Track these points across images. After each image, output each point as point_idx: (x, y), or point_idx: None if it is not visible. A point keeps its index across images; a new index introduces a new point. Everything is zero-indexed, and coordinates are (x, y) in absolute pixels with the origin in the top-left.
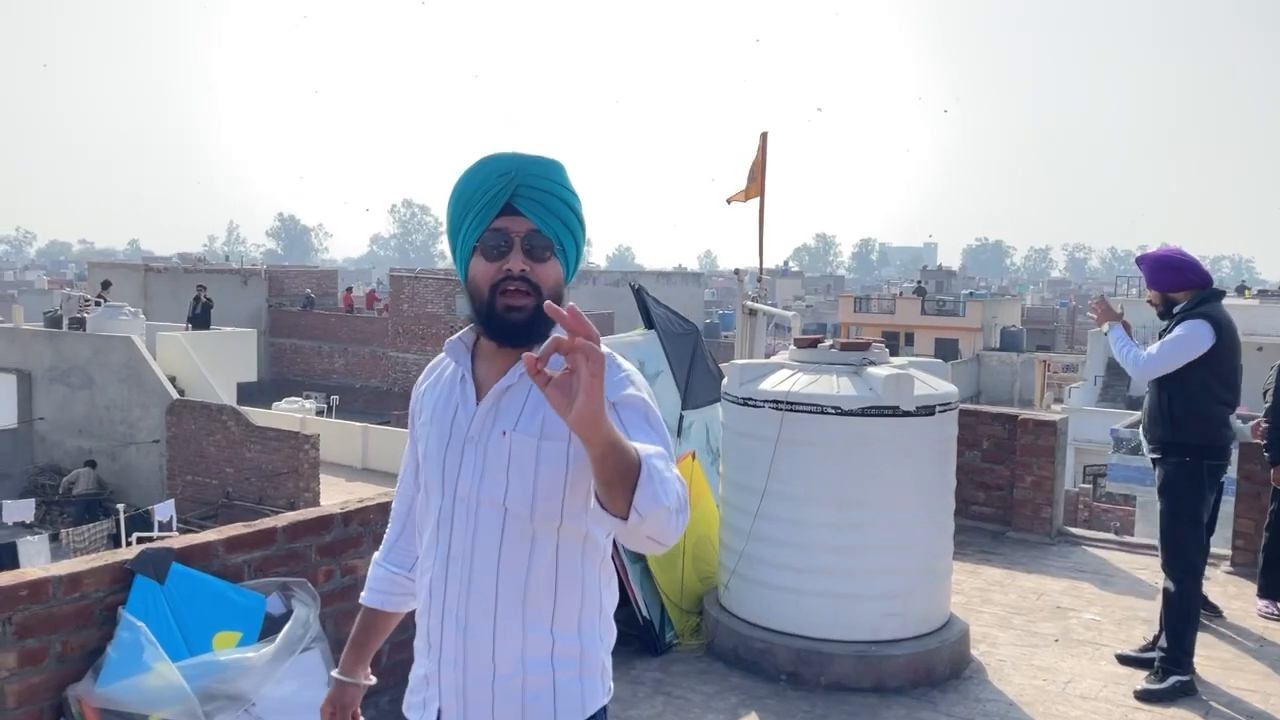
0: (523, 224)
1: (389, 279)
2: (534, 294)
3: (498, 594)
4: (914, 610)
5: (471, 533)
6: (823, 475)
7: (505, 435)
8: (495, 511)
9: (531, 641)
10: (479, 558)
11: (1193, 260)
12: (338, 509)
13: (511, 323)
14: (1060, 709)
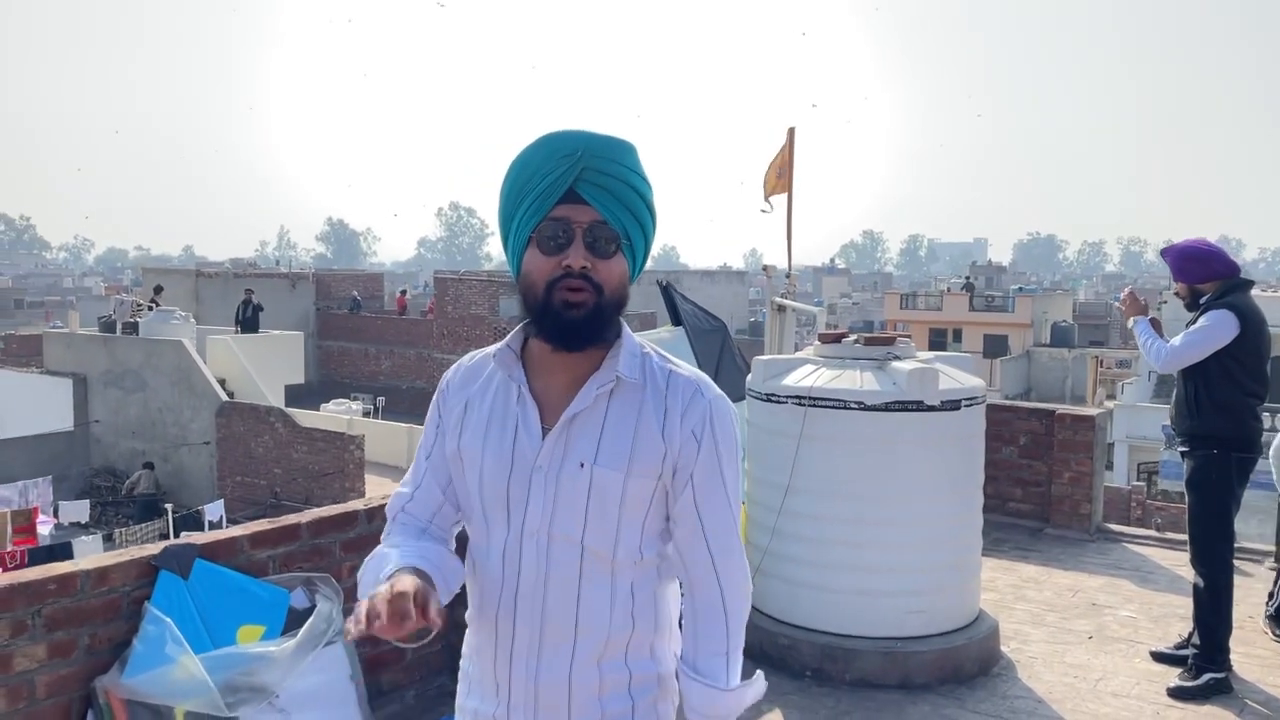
0: (586, 213)
1: (434, 281)
2: (595, 292)
3: (576, 638)
4: (940, 607)
5: (544, 571)
6: (846, 471)
7: (584, 468)
8: (570, 549)
9: (609, 680)
10: (552, 598)
11: (1218, 250)
12: (361, 505)
13: (569, 321)
14: (1091, 706)
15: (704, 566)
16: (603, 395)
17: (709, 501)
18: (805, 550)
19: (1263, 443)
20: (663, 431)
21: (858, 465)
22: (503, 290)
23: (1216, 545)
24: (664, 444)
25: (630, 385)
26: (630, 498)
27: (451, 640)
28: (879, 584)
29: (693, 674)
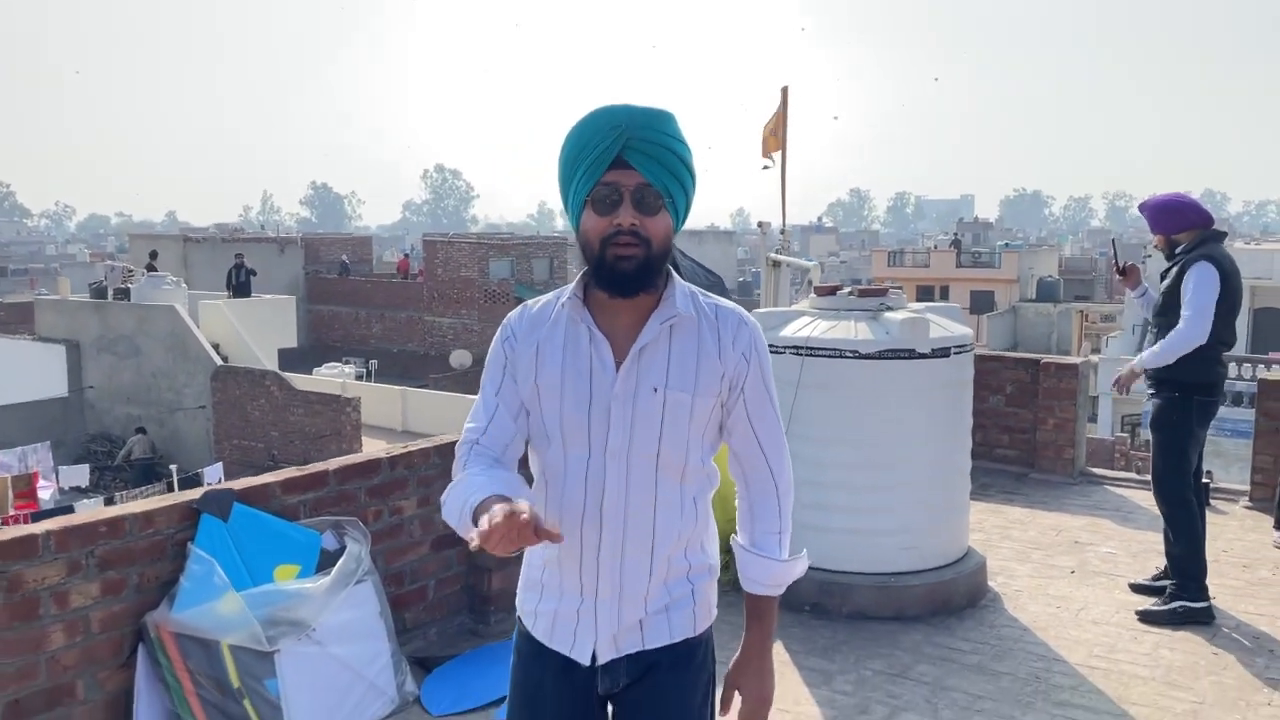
0: (633, 177)
1: (422, 244)
2: (643, 246)
3: (654, 538)
4: (931, 544)
5: (625, 485)
6: (841, 417)
7: (658, 392)
8: (647, 464)
9: (674, 570)
10: (633, 507)
11: (1191, 202)
12: (384, 453)
13: (621, 273)
14: (1072, 633)
15: (759, 462)
16: (664, 329)
17: (759, 409)
18: (803, 493)
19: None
20: (719, 355)
21: (853, 411)
22: (492, 253)
23: (1175, 482)
24: (721, 365)
25: (687, 319)
26: (697, 415)
27: (470, 583)
28: (873, 523)
29: (752, 549)
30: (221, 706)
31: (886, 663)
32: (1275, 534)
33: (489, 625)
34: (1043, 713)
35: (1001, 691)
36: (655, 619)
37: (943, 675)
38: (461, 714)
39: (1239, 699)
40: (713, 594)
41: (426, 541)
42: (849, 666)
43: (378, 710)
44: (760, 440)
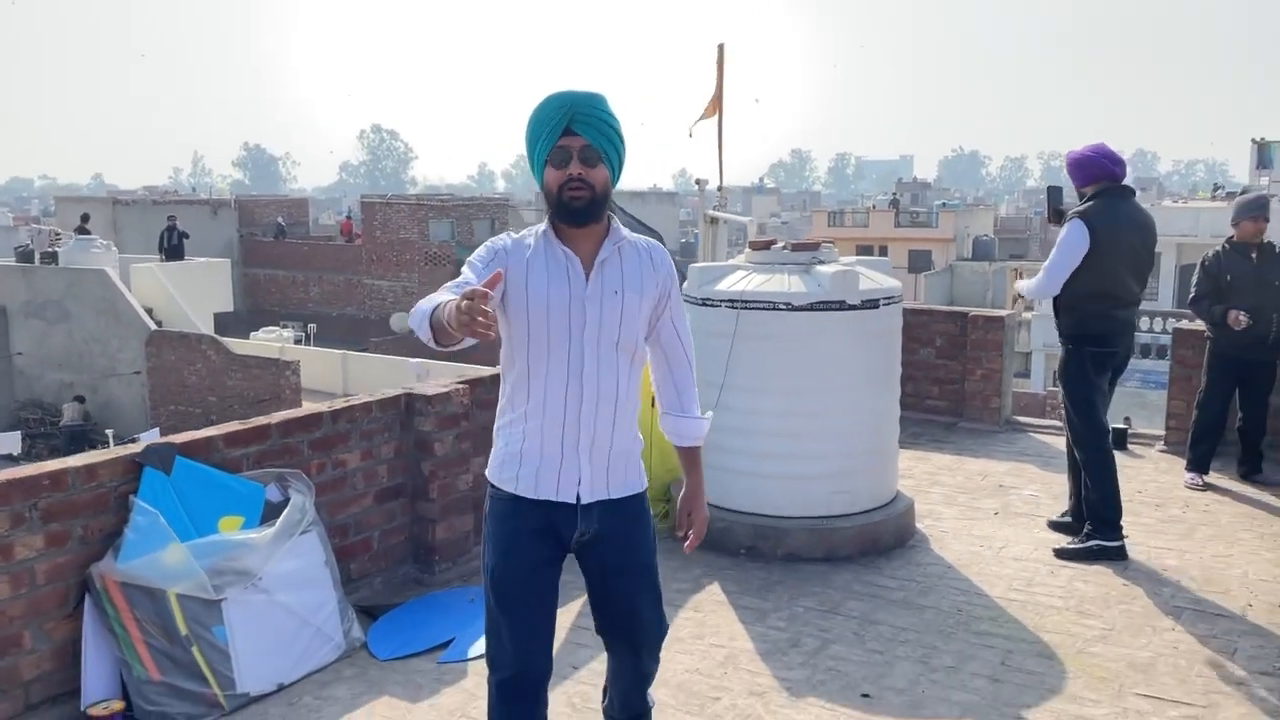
0: (578, 141)
1: (360, 206)
2: (589, 189)
3: (616, 402)
4: (862, 488)
5: (597, 364)
6: (776, 367)
7: (618, 294)
8: (611, 346)
9: (622, 436)
10: (604, 380)
11: (1097, 156)
12: (326, 407)
13: (574, 209)
14: (993, 569)
15: (679, 350)
16: (615, 250)
17: (678, 312)
18: (739, 441)
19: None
20: (654, 271)
21: (787, 361)
22: (432, 214)
23: (1084, 429)
24: (655, 278)
25: (629, 245)
26: (643, 312)
27: (414, 533)
28: (806, 469)
29: (684, 414)
30: (170, 654)
31: (818, 600)
32: (1187, 475)
33: (433, 575)
34: (963, 641)
35: (925, 624)
36: (615, 474)
37: (870, 610)
38: (408, 657)
39: (1145, 625)
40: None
41: (370, 494)
42: (782, 604)
43: (325, 656)
44: (679, 334)
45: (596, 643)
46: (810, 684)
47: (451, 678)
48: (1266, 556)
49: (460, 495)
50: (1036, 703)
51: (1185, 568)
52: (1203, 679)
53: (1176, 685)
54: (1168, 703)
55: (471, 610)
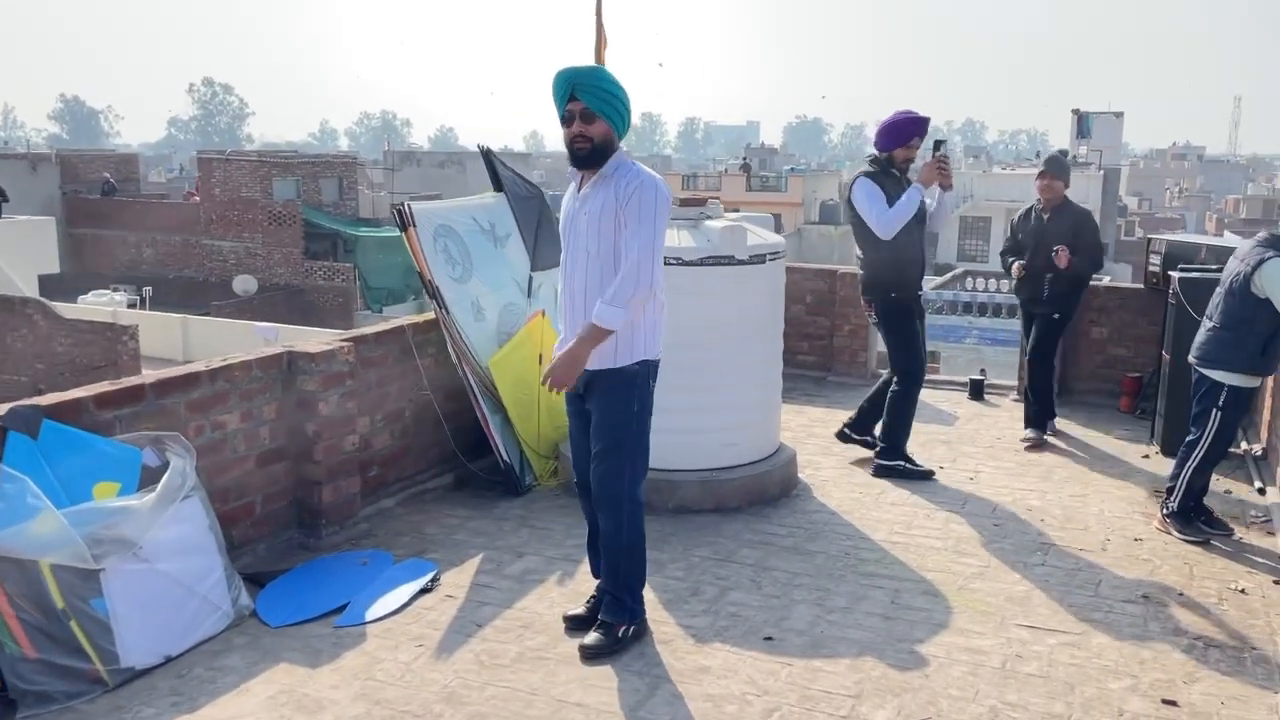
0: (579, 105)
1: (197, 162)
2: (589, 141)
3: (586, 291)
4: (749, 441)
5: (573, 264)
6: (668, 322)
7: (588, 215)
8: (587, 255)
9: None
10: (576, 274)
11: (886, 123)
12: (204, 367)
13: (578, 157)
14: (874, 514)
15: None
16: (596, 183)
17: (630, 231)
18: None
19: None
20: (616, 197)
21: (678, 317)
22: (276, 172)
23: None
24: (615, 203)
25: (607, 177)
26: (605, 227)
27: (299, 496)
28: (697, 423)
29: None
30: (45, 629)
31: (712, 549)
32: (1025, 432)
33: (320, 539)
34: (853, 583)
35: (816, 568)
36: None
37: (763, 557)
38: (302, 623)
39: (1017, 561)
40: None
41: (251, 457)
42: (678, 555)
43: (213, 625)
44: (626, 248)
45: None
46: (714, 630)
47: (350, 641)
48: (1118, 495)
49: (347, 456)
50: (927, 637)
51: (1047, 508)
52: (1074, 609)
53: (1051, 615)
54: (1045, 631)
55: (364, 574)
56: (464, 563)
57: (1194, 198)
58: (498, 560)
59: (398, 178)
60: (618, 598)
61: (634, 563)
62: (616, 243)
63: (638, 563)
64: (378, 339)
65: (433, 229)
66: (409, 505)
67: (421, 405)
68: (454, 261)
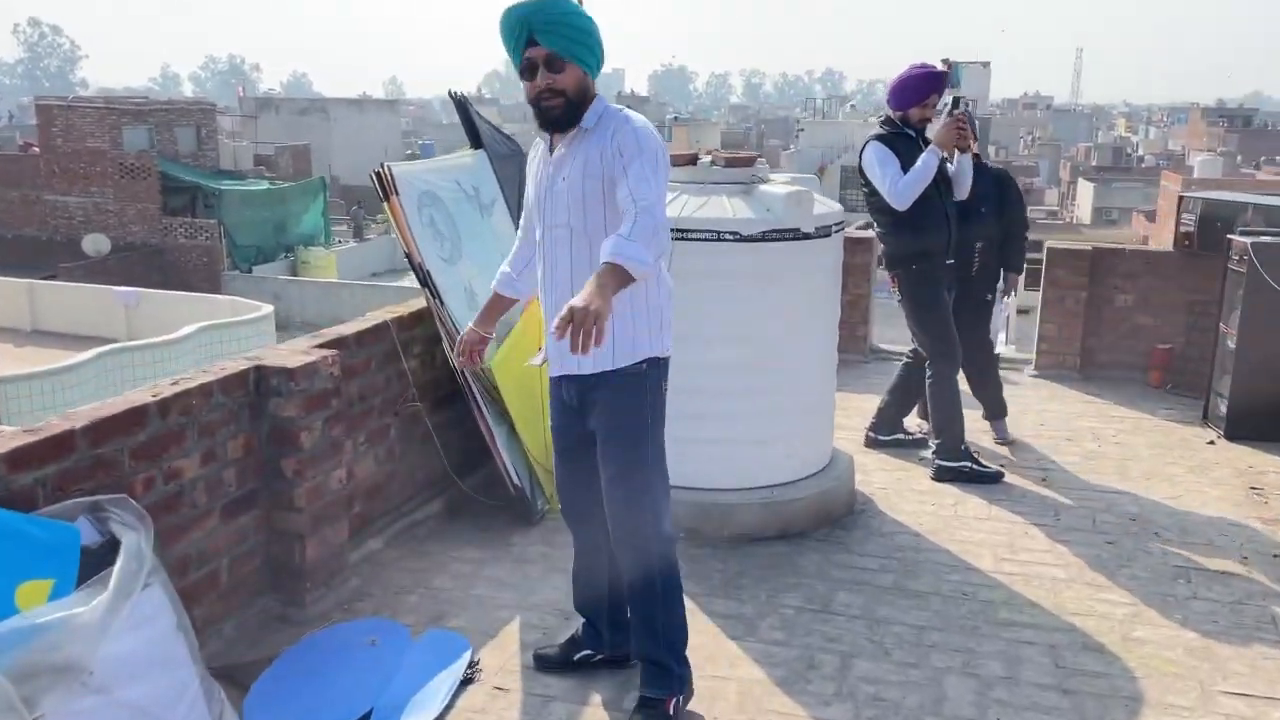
0: (541, 52)
1: (35, 109)
2: (561, 95)
3: (571, 272)
4: (810, 449)
5: (554, 248)
6: (720, 311)
7: (564, 180)
8: (563, 229)
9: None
10: (560, 263)
11: (899, 80)
12: (151, 397)
13: (551, 117)
14: (964, 535)
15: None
16: (573, 141)
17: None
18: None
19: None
20: (602, 153)
21: (731, 304)
22: (126, 120)
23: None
24: (601, 159)
25: (588, 131)
26: (590, 194)
27: (274, 554)
28: (755, 432)
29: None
30: None
31: (802, 595)
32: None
33: (303, 608)
34: (995, 639)
35: (940, 618)
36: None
37: (870, 604)
38: None
39: (1164, 594)
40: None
41: (215, 510)
42: (763, 606)
43: None
44: (630, 180)
45: None
46: None
47: None
48: (1213, 494)
49: (333, 497)
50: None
51: (1150, 515)
52: (1271, 660)
53: (1251, 673)
54: (1262, 700)
55: (378, 659)
56: (500, 632)
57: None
58: (542, 627)
59: (258, 126)
60: (661, 665)
61: (673, 615)
62: (608, 214)
63: (678, 615)
64: (360, 341)
65: (416, 197)
66: (403, 547)
67: (408, 419)
68: (442, 238)
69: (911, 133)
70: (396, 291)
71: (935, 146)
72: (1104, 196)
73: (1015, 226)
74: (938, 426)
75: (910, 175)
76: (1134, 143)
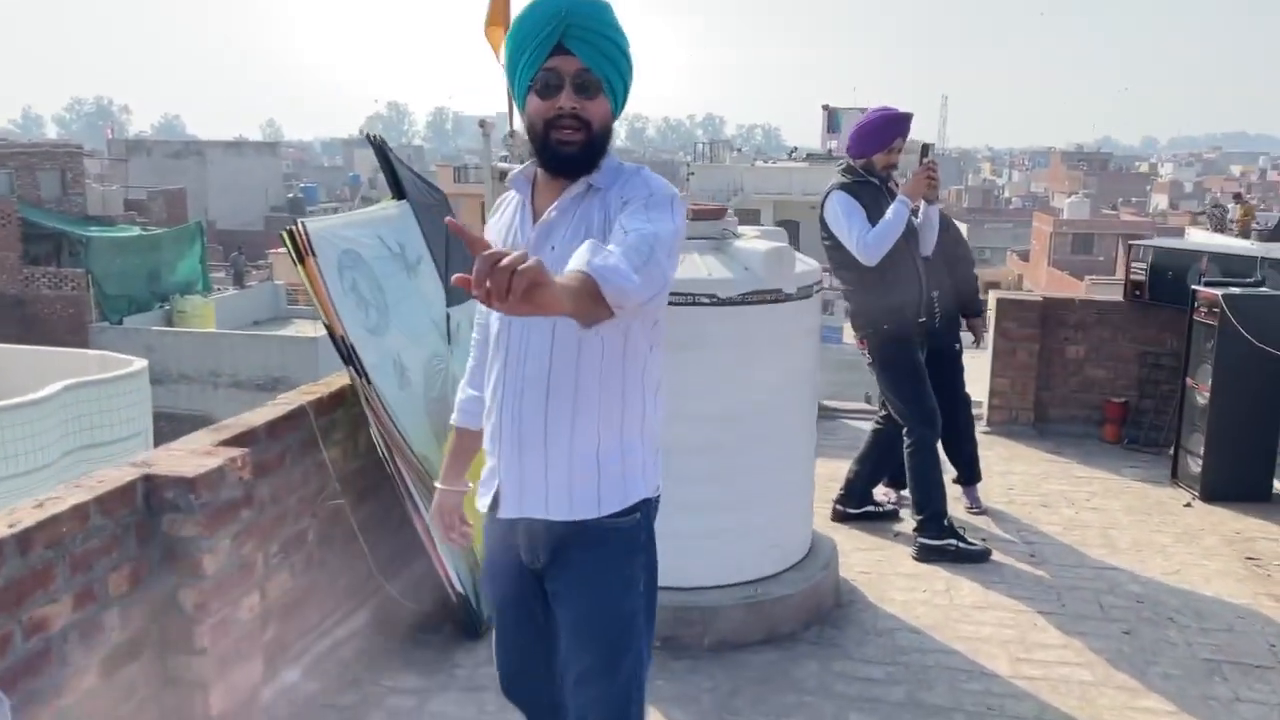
0: (573, 63)
1: None
2: (584, 129)
3: (548, 388)
4: (793, 537)
5: (525, 338)
6: (696, 385)
7: (555, 249)
8: (545, 323)
9: (580, 434)
10: (532, 360)
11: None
12: (7, 529)
13: (563, 155)
14: (969, 629)
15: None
16: (574, 201)
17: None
18: None
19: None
20: (608, 213)
21: (708, 375)
22: None
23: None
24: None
25: (597, 192)
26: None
27: (168, 707)
28: (734, 520)
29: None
30: None
31: (809, 718)
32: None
33: None
34: None
35: None
36: (557, 487)
37: None
38: None
39: (1201, 695)
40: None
41: (93, 665)
42: None
43: None
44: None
45: None
46: None
47: None
48: (1212, 568)
49: (244, 632)
50: None
51: (1156, 596)
52: None
53: None
54: None
55: None
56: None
57: None
58: None
59: (129, 170)
60: None
61: None
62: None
63: None
64: (272, 432)
65: (337, 258)
66: (325, 676)
67: (328, 518)
68: (367, 304)
69: (875, 180)
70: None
71: (905, 196)
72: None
73: (963, 267)
74: (919, 502)
75: (880, 227)
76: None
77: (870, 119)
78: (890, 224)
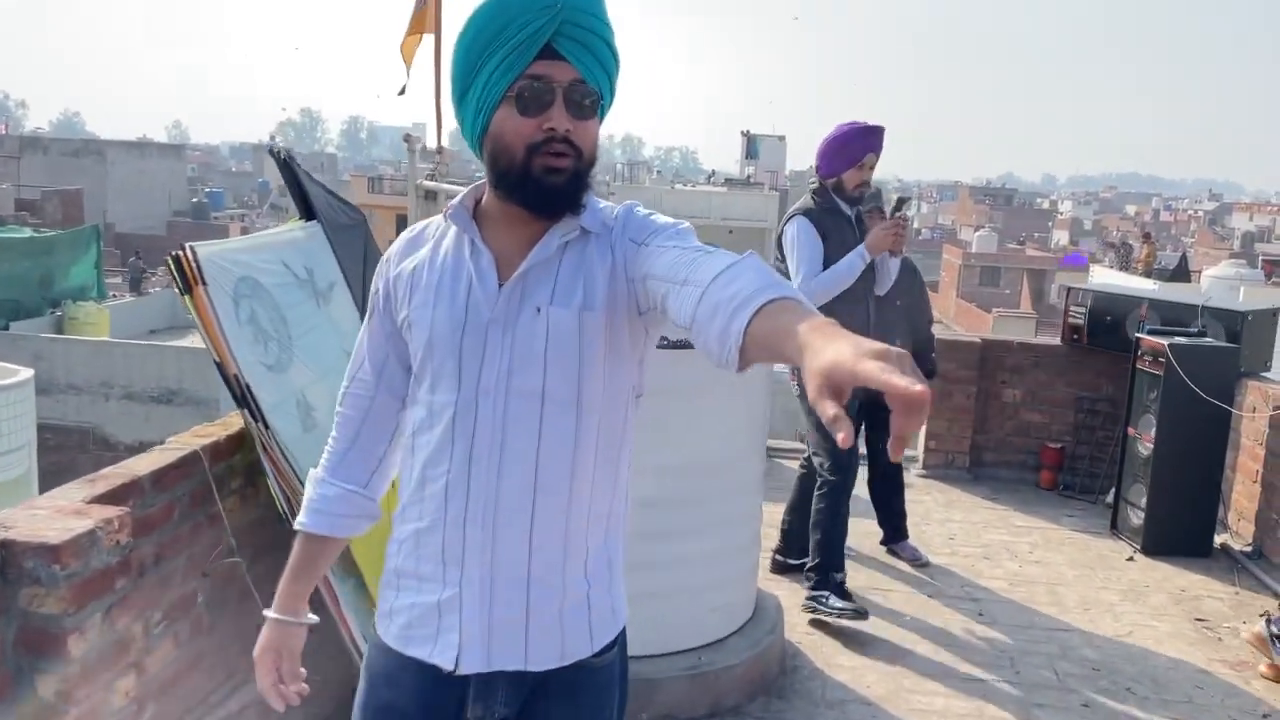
0: (566, 72)
1: None
2: (576, 157)
3: (535, 499)
4: (738, 596)
5: (500, 429)
6: (643, 435)
7: (540, 312)
8: (530, 403)
9: (572, 554)
10: (510, 458)
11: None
12: None
13: (551, 187)
14: (923, 701)
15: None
16: (556, 251)
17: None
18: None
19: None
20: (611, 266)
21: (658, 426)
22: None
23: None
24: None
25: (588, 237)
26: (587, 335)
27: None
28: (677, 580)
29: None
30: None
31: None
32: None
33: None
34: None
35: None
36: (542, 627)
37: None
38: None
39: None
40: (616, 606)
41: None
42: None
43: None
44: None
45: None
46: None
47: None
48: (1163, 630)
49: None
50: None
51: (1111, 663)
52: None
53: None
54: None
55: None
56: None
57: None
58: None
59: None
60: None
61: None
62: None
63: None
64: (158, 482)
65: (232, 287)
66: None
67: (222, 576)
68: (266, 338)
69: (845, 206)
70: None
71: (866, 249)
72: None
73: (923, 321)
74: (818, 547)
75: (826, 276)
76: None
77: (838, 133)
78: (839, 275)
